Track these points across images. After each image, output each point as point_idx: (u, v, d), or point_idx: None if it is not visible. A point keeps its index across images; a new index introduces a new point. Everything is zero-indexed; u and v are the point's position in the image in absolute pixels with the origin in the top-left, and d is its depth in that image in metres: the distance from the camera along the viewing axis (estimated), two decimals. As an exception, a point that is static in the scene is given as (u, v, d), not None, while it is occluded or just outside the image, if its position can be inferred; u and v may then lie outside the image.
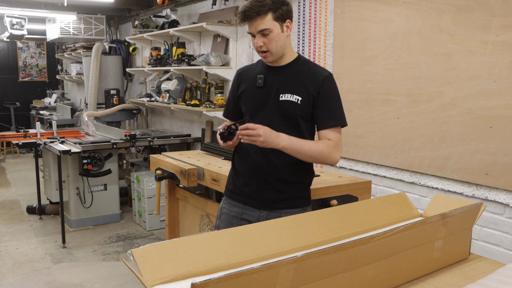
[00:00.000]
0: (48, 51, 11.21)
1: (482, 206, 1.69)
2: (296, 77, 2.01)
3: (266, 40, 1.92)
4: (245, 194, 2.08)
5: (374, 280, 1.39)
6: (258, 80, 2.02)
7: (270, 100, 2.01)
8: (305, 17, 3.97)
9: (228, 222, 2.11)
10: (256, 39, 1.93)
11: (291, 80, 2.01)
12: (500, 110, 2.60)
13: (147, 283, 1.24)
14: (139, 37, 6.21)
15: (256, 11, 1.88)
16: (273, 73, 2.03)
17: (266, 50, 1.95)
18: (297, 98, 1.98)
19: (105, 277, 3.75)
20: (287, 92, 1.99)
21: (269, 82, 2.01)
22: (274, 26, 1.93)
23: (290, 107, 1.99)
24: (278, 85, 2.01)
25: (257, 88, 2.03)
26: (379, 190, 3.41)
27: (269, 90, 2.01)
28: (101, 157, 4.82)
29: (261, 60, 2.08)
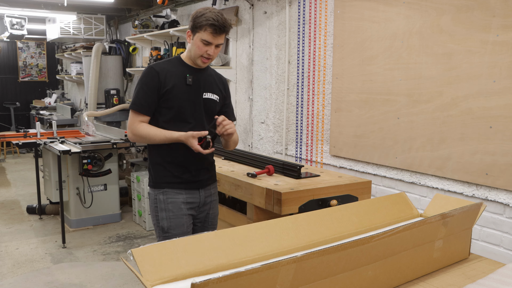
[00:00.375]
0: (48, 51, 11.21)
1: (482, 206, 1.69)
2: (212, 79, 2.42)
3: (216, 51, 2.29)
4: (185, 181, 2.34)
5: (374, 280, 1.39)
6: (188, 79, 2.30)
7: (198, 97, 2.34)
8: (305, 17, 3.97)
9: (177, 208, 2.32)
10: (212, 49, 2.26)
11: (210, 81, 2.40)
12: (500, 110, 2.60)
13: (147, 283, 1.24)
14: (139, 37, 6.21)
15: (227, 29, 2.25)
16: (198, 74, 2.35)
17: (210, 58, 2.30)
18: (216, 97, 2.41)
19: (105, 277, 3.75)
20: (209, 91, 2.38)
21: (195, 81, 2.33)
22: None
23: (212, 104, 2.39)
24: (202, 85, 2.36)
25: (186, 85, 2.31)
26: (379, 190, 3.41)
27: (196, 88, 2.33)
28: (101, 157, 4.82)
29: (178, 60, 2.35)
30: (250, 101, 4.75)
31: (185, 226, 2.33)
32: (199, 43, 2.23)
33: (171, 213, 2.31)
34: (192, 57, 2.30)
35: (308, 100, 4.01)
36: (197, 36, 2.23)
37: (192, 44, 2.26)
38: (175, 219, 2.32)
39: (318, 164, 3.95)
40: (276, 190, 2.40)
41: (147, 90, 2.26)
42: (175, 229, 2.31)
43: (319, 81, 3.88)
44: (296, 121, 4.16)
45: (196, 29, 2.22)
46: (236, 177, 2.71)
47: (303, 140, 4.11)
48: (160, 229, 2.33)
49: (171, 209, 2.32)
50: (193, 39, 2.26)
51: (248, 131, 4.83)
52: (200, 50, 2.24)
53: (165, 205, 2.32)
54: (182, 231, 2.32)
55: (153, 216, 2.37)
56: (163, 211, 2.32)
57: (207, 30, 2.19)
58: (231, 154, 3.30)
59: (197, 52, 2.25)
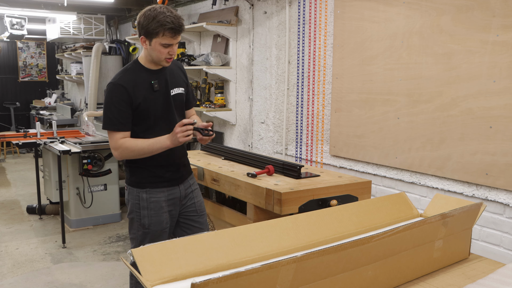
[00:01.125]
0: (48, 51, 11.21)
1: (482, 206, 1.69)
2: (173, 71, 2.44)
3: (176, 48, 2.30)
4: (166, 179, 2.42)
5: (374, 280, 1.39)
6: (154, 85, 2.32)
7: (167, 98, 2.37)
8: (305, 17, 3.97)
9: (159, 207, 2.40)
10: (174, 49, 2.27)
11: (173, 76, 2.43)
12: (500, 110, 2.60)
13: (147, 283, 1.24)
14: (139, 37, 6.20)
15: (183, 28, 2.24)
16: (161, 74, 2.36)
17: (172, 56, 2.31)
18: (182, 89, 2.46)
19: (105, 277, 3.76)
20: (175, 86, 2.42)
21: (161, 83, 2.35)
22: None
23: (180, 98, 2.45)
24: (168, 83, 2.39)
25: (154, 92, 2.32)
26: (379, 190, 3.42)
27: (163, 90, 2.36)
28: (101, 157, 4.82)
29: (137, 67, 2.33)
30: (250, 101, 4.75)
31: (164, 223, 2.43)
32: (159, 47, 2.22)
33: (153, 212, 2.40)
34: (154, 61, 2.29)
35: (308, 100, 4.01)
36: (154, 41, 2.20)
37: (151, 49, 2.24)
38: (156, 217, 2.41)
39: (318, 164, 3.95)
40: (276, 190, 2.40)
41: (120, 107, 2.25)
42: (155, 226, 2.41)
43: (319, 81, 3.88)
44: (296, 121, 4.16)
45: (152, 35, 2.19)
46: (236, 177, 2.71)
47: (303, 140, 4.11)
48: (141, 225, 2.42)
49: (153, 207, 2.40)
50: (150, 45, 2.23)
51: (248, 131, 4.83)
52: (162, 53, 2.24)
53: (147, 203, 2.40)
54: (161, 227, 2.43)
55: (133, 212, 2.43)
56: (145, 209, 2.40)
57: (166, 34, 2.18)
58: (231, 154, 3.30)
59: (159, 56, 2.25)
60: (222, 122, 5.16)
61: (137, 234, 2.44)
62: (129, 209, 2.46)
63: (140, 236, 2.43)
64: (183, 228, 2.54)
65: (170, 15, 2.17)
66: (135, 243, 2.46)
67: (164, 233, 2.46)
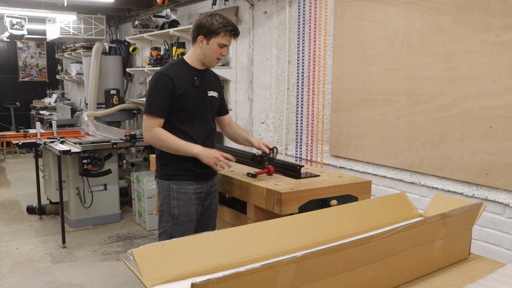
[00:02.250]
0: (48, 51, 11.20)
1: (482, 206, 1.69)
2: (211, 77, 2.67)
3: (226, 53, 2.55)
4: (196, 173, 2.56)
5: (374, 280, 1.39)
6: (196, 82, 2.53)
7: (204, 97, 2.58)
8: (305, 17, 3.97)
9: (188, 198, 2.54)
10: (226, 50, 2.53)
11: (211, 81, 2.66)
12: (500, 110, 2.60)
13: (147, 283, 1.24)
14: (139, 37, 6.21)
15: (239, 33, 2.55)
16: (202, 75, 2.58)
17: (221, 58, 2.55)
18: (217, 94, 2.68)
19: (105, 277, 3.75)
20: (211, 89, 2.63)
21: (201, 82, 2.57)
22: None
23: (214, 101, 2.67)
24: (207, 84, 2.61)
25: (195, 87, 2.54)
26: (379, 190, 3.41)
27: (202, 88, 2.57)
28: (101, 157, 4.81)
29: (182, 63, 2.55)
30: (250, 101, 4.75)
31: (192, 215, 2.57)
32: (216, 47, 2.47)
33: (182, 202, 2.55)
34: (205, 59, 2.52)
35: (308, 100, 4.01)
36: (213, 41, 2.45)
37: (207, 48, 2.48)
38: (185, 208, 2.55)
39: (318, 164, 3.95)
40: (276, 190, 2.40)
41: (162, 94, 2.45)
42: (184, 217, 2.55)
43: (319, 81, 3.88)
44: (296, 121, 4.16)
45: (212, 34, 2.45)
46: (236, 177, 2.71)
47: (303, 140, 4.11)
48: (170, 216, 2.55)
49: (182, 198, 2.54)
50: (208, 44, 2.47)
51: (248, 131, 4.82)
52: (216, 53, 2.49)
53: (177, 194, 2.55)
54: (189, 218, 2.56)
55: (164, 203, 2.57)
56: (175, 199, 2.54)
57: (226, 35, 2.46)
58: (231, 154, 3.29)
59: (213, 55, 2.49)
60: (222, 122, 5.16)
61: (167, 226, 2.56)
62: (160, 202, 2.59)
63: (170, 228, 2.55)
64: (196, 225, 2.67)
65: (229, 20, 2.49)
66: (165, 236, 2.57)
67: (192, 225, 2.59)
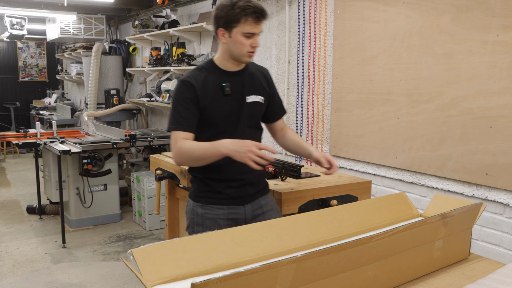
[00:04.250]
0: (48, 51, 11.21)
1: (482, 206, 1.69)
2: (253, 76, 2.12)
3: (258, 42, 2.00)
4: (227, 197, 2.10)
5: (374, 280, 1.39)
6: (225, 89, 2.03)
7: (240, 105, 2.07)
8: (305, 17, 3.97)
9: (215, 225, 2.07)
10: (256, 39, 1.98)
11: (252, 81, 2.11)
12: (500, 110, 2.60)
13: (147, 283, 1.24)
14: (139, 37, 6.21)
15: (265, 14, 1.95)
16: (237, 77, 2.07)
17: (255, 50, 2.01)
18: (261, 98, 2.13)
19: (105, 277, 3.75)
20: (253, 93, 2.10)
21: (235, 87, 2.05)
22: None
23: (256, 108, 2.12)
24: (245, 88, 2.08)
25: (225, 96, 2.03)
26: (379, 190, 3.41)
27: (237, 95, 2.06)
28: (101, 157, 4.81)
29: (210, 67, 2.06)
30: (250, 101, 4.75)
31: None
32: (240, 38, 1.94)
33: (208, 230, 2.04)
34: (235, 56, 2.01)
35: (308, 100, 4.01)
36: (235, 31, 1.94)
37: (231, 42, 1.97)
38: None
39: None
40: (276, 190, 2.40)
41: (186, 105, 1.99)
42: None
43: (319, 81, 3.88)
44: (296, 121, 4.16)
45: (232, 23, 1.93)
46: (236, 177, 2.71)
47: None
48: None
49: (208, 225, 2.09)
50: (231, 37, 1.96)
51: (248, 131, 4.82)
52: (244, 45, 1.96)
53: (202, 220, 2.11)
54: None
55: (189, 227, 2.18)
56: (200, 226, 2.11)
57: (248, 20, 1.92)
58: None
59: (241, 49, 1.97)
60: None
61: None
62: (187, 222, 2.20)
63: None
64: None
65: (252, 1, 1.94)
66: None
67: None
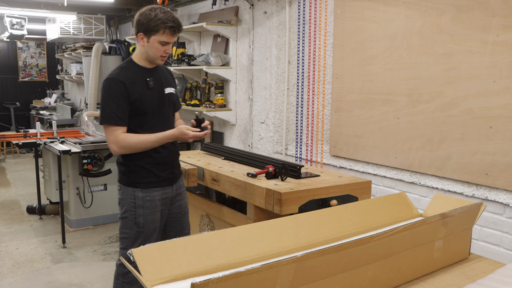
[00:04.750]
0: (48, 51, 11.20)
1: (482, 206, 1.69)
2: (165, 73, 2.56)
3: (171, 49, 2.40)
4: (163, 179, 2.48)
5: (374, 280, 1.39)
6: (149, 83, 2.40)
7: (161, 96, 2.46)
8: (305, 17, 3.97)
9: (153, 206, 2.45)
10: (170, 47, 2.37)
11: (166, 77, 2.54)
12: (500, 110, 2.60)
13: (147, 283, 1.24)
14: (139, 37, 6.20)
15: (181, 29, 2.37)
16: (155, 73, 2.46)
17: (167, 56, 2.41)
18: (173, 90, 2.56)
19: (105, 277, 3.76)
20: (168, 86, 2.51)
21: (155, 81, 2.44)
22: None
23: (172, 97, 2.54)
24: (160, 82, 2.48)
25: (149, 89, 2.40)
26: (379, 190, 3.41)
27: (158, 87, 2.45)
28: (101, 157, 4.81)
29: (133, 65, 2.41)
30: (250, 101, 4.75)
31: (156, 222, 2.49)
32: (156, 45, 2.32)
33: (148, 210, 2.45)
34: (149, 58, 2.38)
35: (308, 100, 4.01)
36: (153, 38, 2.31)
37: (149, 46, 2.34)
38: (150, 216, 2.46)
39: (318, 164, 3.95)
40: (276, 190, 2.40)
41: (118, 101, 2.31)
42: (149, 225, 2.46)
43: (319, 81, 3.88)
44: (296, 121, 4.16)
45: (151, 32, 2.30)
46: (236, 177, 2.71)
47: (303, 140, 4.11)
48: (135, 224, 2.45)
49: (148, 206, 2.44)
50: (148, 42, 2.33)
51: (248, 131, 4.83)
52: (159, 51, 2.34)
53: (143, 202, 2.44)
54: (154, 226, 2.48)
55: (127, 211, 2.45)
56: (140, 208, 2.44)
57: (166, 32, 2.29)
58: (231, 154, 3.30)
59: (156, 53, 2.35)
60: (222, 122, 5.16)
61: (130, 233, 2.46)
62: (123, 209, 2.47)
63: (133, 235, 2.45)
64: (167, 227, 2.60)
65: (170, 15, 2.30)
66: (127, 242, 2.47)
67: (155, 232, 2.50)
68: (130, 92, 2.32)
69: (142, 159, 2.42)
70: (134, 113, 2.36)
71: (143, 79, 2.39)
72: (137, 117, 2.38)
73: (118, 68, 2.40)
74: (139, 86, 2.37)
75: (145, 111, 2.38)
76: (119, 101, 2.31)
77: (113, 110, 2.30)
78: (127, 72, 2.37)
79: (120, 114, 2.31)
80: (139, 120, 2.39)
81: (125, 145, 2.34)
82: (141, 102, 2.36)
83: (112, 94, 2.31)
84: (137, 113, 2.37)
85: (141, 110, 2.37)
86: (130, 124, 2.38)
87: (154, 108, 2.41)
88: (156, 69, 2.48)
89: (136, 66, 2.42)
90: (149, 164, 2.44)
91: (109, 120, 2.31)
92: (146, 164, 2.43)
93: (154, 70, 2.46)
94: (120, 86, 2.31)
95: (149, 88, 2.40)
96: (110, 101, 2.31)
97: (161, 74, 2.50)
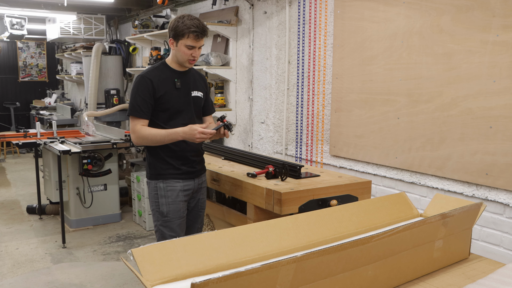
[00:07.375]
0: (48, 51, 11.20)
1: (482, 206, 1.69)
2: (195, 78, 2.72)
3: (199, 52, 2.58)
4: (183, 172, 2.61)
5: (374, 280, 1.39)
6: (177, 83, 2.59)
7: (187, 97, 2.63)
8: (305, 17, 3.97)
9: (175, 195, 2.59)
10: (196, 51, 2.54)
11: (195, 81, 2.70)
12: (500, 110, 2.60)
13: (147, 283, 1.24)
14: (139, 37, 6.21)
15: (206, 33, 2.55)
16: (184, 76, 2.64)
17: (195, 59, 2.58)
18: (201, 94, 2.71)
19: (105, 277, 3.76)
20: (195, 89, 2.68)
21: (183, 83, 2.62)
22: None
23: (198, 101, 2.70)
24: (190, 85, 2.65)
25: (176, 89, 2.59)
26: (379, 190, 3.41)
27: (185, 89, 2.62)
28: (101, 157, 4.81)
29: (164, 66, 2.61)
30: (250, 101, 4.75)
31: (181, 211, 2.61)
32: (183, 48, 2.52)
33: (170, 199, 2.59)
34: (179, 61, 2.58)
35: (308, 100, 4.01)
36: (180, 43, 2.51)
37: (177, 50, 2.54)
38: (173, 205, 2.59)
39: (318, 164, 3.95)
40: (276, 190, 2.40)
41: (144, 96, 2.52)
42: (173, 214, 2.59)
43: (319, 81, 3.88)
44: (296, 121, 4.16)
45: (179, 37, 2.50)
46: (236, 177, 2.71)
47: (303, 140, 4.11)
48: (160, 214, 2.60)
49: (170, 195, 2.59)
50: (177, 46, 2.53)
51: (248, 131, 4.83)
52: (186, 54, 2.53)
53: (164, 192, 2.59)
54: (179, 215, 2.61)
55: (153, 202, 2.63)
56: (163, 197, 2.59)
57: (190, 37, 2.49)
58: (231, 154, 3.30)
59: (183, 57, 2.54)
60: (222, 122, 5.16)
61: (158, 224, 2.61)
62: (150, 202, 2.66)
63: (161, 226, 2.59)
64: None
65: (195, 21, 2.51)
66: (158, 235, 2.62)
67: (183, 222, 2.63)
68: (156, 89, 2.53)
69: (163, 152, 2.59)
70: (159, 109, 2.56)
71: (172, 80, 2.59)
72: (162, 113, 2.57)
73: (150, 68, 2.62)
74: (167, 85, 2.56)
75: (169, 108, 2.56)
76: (145, 97, 2.52)
77: (138, 103, 2.52)
78: (157, 72, 2.58)
79: (144, 108, 2.52)
80: (164, 116, 2.57)
81: (139, 135, 2.53)
82: (166, 99, 2.55)
83: (139, 89, 2.53)
84: (161, 109, 2.56)
85: (165, 107, 2.56)
86: (157, 119, 2.57)
87: (178, 107, 2.59)
88: (186, 72, 2.65)
89: (167, 67, 2.62)
90: (169, 157, 2.59)
91: (133, 112, 2.53)
92: (166, 157, 2.59)
93: (185, 73, 2.64)
94: (147, 83, 2.52)
95: (176, 88, 2.59)
96: (137, 96, 2.53)
97: (190, 78, 2.67)
